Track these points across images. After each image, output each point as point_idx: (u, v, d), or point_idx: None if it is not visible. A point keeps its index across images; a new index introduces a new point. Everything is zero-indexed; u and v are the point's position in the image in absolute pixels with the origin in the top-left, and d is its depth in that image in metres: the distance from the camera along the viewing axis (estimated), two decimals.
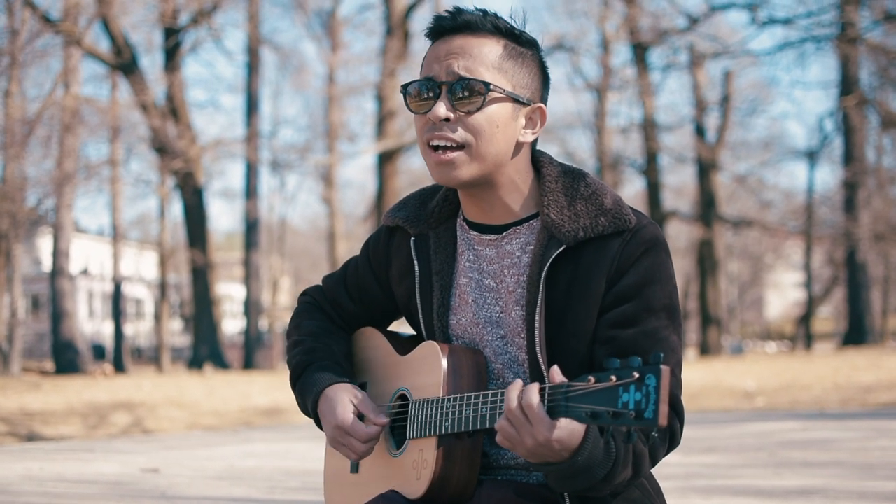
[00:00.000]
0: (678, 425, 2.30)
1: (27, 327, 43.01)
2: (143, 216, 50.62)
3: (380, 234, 2.65)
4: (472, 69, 2.31)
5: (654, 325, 2.30)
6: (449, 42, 2.36)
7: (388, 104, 32.99)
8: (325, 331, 2.66)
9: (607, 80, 37.23)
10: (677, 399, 2.30)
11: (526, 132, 2.38)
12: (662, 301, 2.31)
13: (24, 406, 16.40)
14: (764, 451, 8.87)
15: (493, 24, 2.35)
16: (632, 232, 2.32)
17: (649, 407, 1.84)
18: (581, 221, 2.32)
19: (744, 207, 46.88)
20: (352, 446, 2.42)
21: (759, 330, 69.47)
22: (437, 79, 2.34)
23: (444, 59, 2.34)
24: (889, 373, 19.18)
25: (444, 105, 2.32)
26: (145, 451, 10.49)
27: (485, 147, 2.32)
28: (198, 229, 32.73)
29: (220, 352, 32.93)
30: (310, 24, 37.03)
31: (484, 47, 2.34)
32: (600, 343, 2.31)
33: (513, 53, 2.35)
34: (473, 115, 2.31)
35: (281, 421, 15.90)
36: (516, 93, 2.34)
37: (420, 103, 2.37)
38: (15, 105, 23.34)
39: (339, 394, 2.46)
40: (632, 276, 2.30)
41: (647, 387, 1.85)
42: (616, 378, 1.90)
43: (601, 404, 1.91)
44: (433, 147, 2.34)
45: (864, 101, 33.71)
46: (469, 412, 2.23)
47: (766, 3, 32.84)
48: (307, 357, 2.58)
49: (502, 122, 2.33)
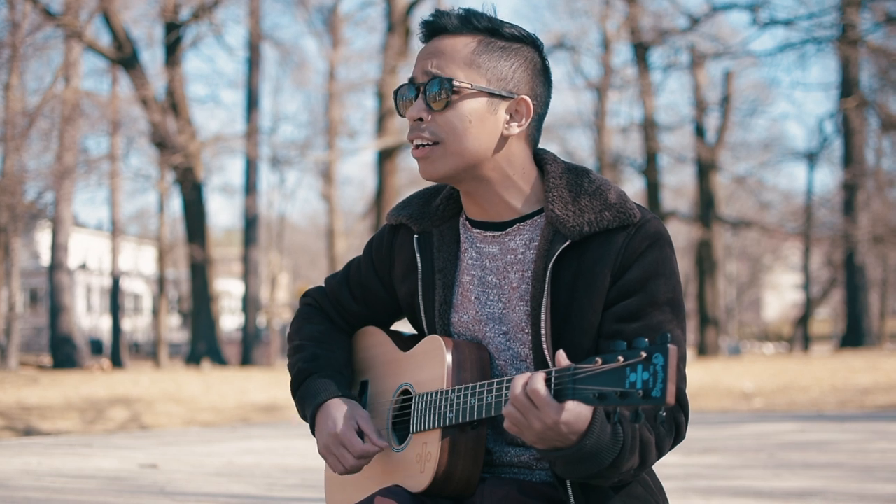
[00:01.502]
0: (683, 418, 2.30)
1: (25, 321, 43.03)
2: (142, 211, 50.68)
3: (383, 232, 2.66)
4: (443, 67, 2.35)
5: (658, 319, 2.30)
6: (430, 45, 2.40)
7: (388, 101, 32.98)
8: (326, 336, 2.67)
9: (608, 79, 37.23)
10: (682, 393, 2.29)
11: (511, 125, 2.37)
12: (667, 295, 2.32)
13: (22, 400, 16.40)
14: (763, 453, 8.87)
15: (469, 22, 2.37)
16: (636, 226, 2.32)
17: (657, 385, 1.84)
18: (586, 216, 2.32)
19: (743, 208, 46.95)
20: (343, 458, 2.43)
21: (757, 331, 69.52)
22: (416, 80, 2.39)
23: (421, 61, 2.39)
24: (886, 375, 19.20)
25: (418, 106, 2.36)
26: (143, 446, 10.48)
27: (457, 143, 2.34)
28: (197, 225, 32.72)
29: (218, 348, 32.93)
30: (311, 21, 37.04)
31: (457, 45, 2.36)
32: (605, 337, 2.31)
33: (489, 48, 2.36)
34: (443, 113, 2.34)
35: (279, 418, 15.90)
36: (490, 87, 2.34)
37: (402, 106, 2.43)
38: (15, 98, 23.32)
39: (340, 407, 2.48)
40: (636, 270, 2.30)
41: (655, 366, 1.85)
42: (623, 359, 1.90)
43: (609, 385, 1.91)
44: (415, 146, 2.38)
45: (865, 103, 33.73)
46: (474, 401, 2.23)
47: (767, 4, 32.88)
48: (309, 365, 2.59)
49: (475, 116, 2.33)
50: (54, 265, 29.08)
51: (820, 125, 40.29)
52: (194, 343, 33.16)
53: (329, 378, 2.55)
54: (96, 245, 56.43)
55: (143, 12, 31.62)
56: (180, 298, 53.52)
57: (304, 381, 2.58)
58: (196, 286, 33.19)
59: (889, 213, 36.05)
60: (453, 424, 2.27)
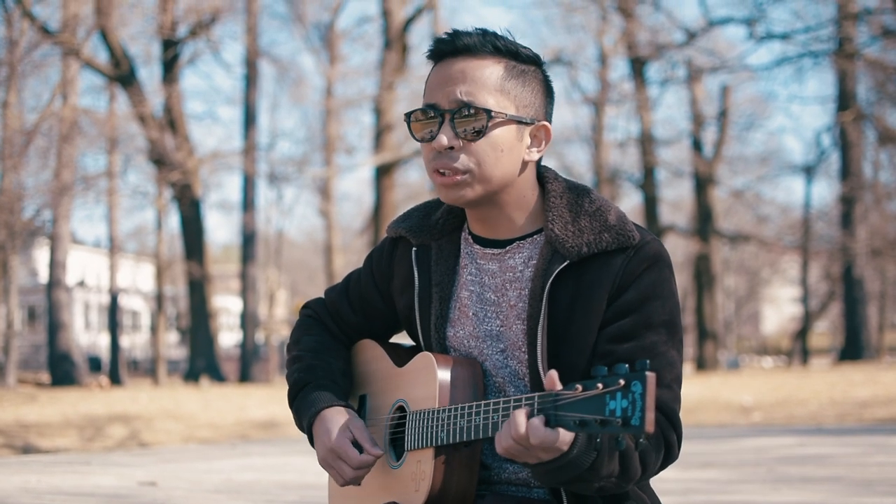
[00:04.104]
0: (675, 439, 2.30)
1: (23, 339, 42.96)
2: (140, 228, 50.52)
3: (383, 245, 2.66)
4: (474, 94, 2.31)
5: (651, 340, 2.30)
6: (450, 66, 2.35)
7: (385, 117, 33.00)
8: (324, 347, 2.67)
9: (605, 94, 37.26)
10: (675, 414, 2.30)
11: (531, 151, 2.38)
12: (662, 317, 2.32)
13: (21, 418, 16.37)
14: (762, 467, 8.86)
15: (492, 44, 2.34)
16: (635, 248, 2.33)
17: (636, 414, 1.86)
18: (585, 237, 2.33)
19: (741, 222, 46.93)
20: (342, 471, 2.43)
21: (755, 345, 69.44)
22: (439, 106, 2.34)
23: (445, 86, 2.33)
24: (885, 388, 19.18)
25: (447, 134, 2.31)
26: (142, 463, 10.46)
27: (489, 171, 2.32)
28: (195, 241, 32.71)
29: (216, 364, 32.88)
30: (308, 37, 37.07)
31: (485, 70, 2.33)
32: (598, 357, 2.31)
33: (514, 73, 2.34)
34: (477, 142, 2.31)
35: (277, 434, 15.87)
36: (519, 114, 2.34)
37: (424, 132, 2.37)
38: (13, 115, 23.37)
39: (336, 417, 2.47)
40: (633, 292, 2.31)
41: (633, 393, 1.87)
42: (602, 386, 1.91)
43: (589, 412, 1.93)
44: (439, 172, 2.35)
45: (862, 116, 33.76)
46: (463, 423, 2.24)
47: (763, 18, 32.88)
48: (306, 375, 2.59)
49: (507, 145, 2.33)
50: (52, 282, 29.05)
51: (817, 138, 40.26)
52: (193, 360, 33.12)
53: (325, 389, 2.54)
54: (94, 262, 56.38)
55: (141, 29, 31.68)
56: (178, 315, 53.46)
57: (300, 391, 2.58)
58: (194, 303, 33.17)
59: (887, 226, 36.06)
60: (445, 444, 2.28)
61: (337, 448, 2.42)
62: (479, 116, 2.29)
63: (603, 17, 36.30)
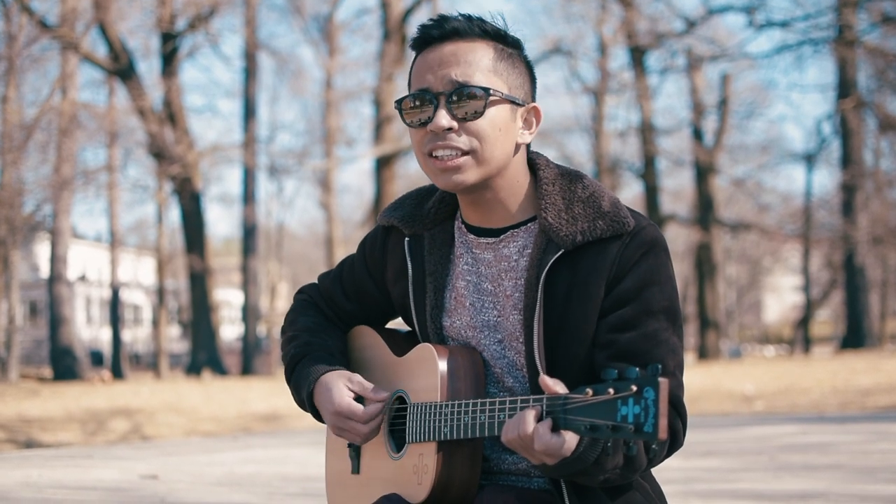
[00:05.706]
0: (680, 426, 2.29)
1: (25, 333, 42.98)
2: (140, 222, 50.61)
3: (376, 233, 2.64)
4: (469, 75, 2.30)
5: (653, 328, 2.28)
6: (439, 51, 2.34)
7: (385, 109, 32.99)
8: (320, 327, 2.65)
9: (605, 83, 37.23)
10: (679, 401, 2.29)
11: (524, 133, 2.37)
12: (662, 303, 2.30)
13: (23, 413, 16.39)
14: (764, 455, 8.85)
15: (480, 27, 2.34)
16: (630, 235, 2.31)
17: (648, 420, 1.83)
18: (579, 225, 2.31)
19: (742, 211, 46.89)
20: (354, 429, 2.41)
21: (757, 333, 69.46)
22: (432, 89, 2.32)
23: (438, 69, 2.32)
24: (888, 376, 19.19)
25: (444, 115, 2.30)
26: (144, 457, 10.46)
27: (490, 151, 2.30)
28: (196, 235, 32.71)
29: (218, 358, 32.90)
30: (307, 29, 37.03)
31: (476, 52, 2.32)
32: (600, 347, 2.29)
33: (503, 55, 2.34)
34: (476, 122, 2.29)
35: (280, 427, 15.88)
36: (512, 94, 2.33)
37: (418, 116, 2.35)
38: (12, 110, 23.36)
39: (333, 380, 2.45)
40: (631, 280, 2.29)
41: (646, 400, 1.84)
42: (614, 391, 1.89)
43: (600, 417, 1.91)
44: (435, 157, 2.33)
45: (862, 103, 33.74)
46: (468, 419, 2.22)
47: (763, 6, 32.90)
48: (301, 350, 2.57)
49: (504, 125, 2.31)
50: (54, 277, 29.07)
51: (818, 127, 40.33)
52: (194, 353, 33.14)
53: (320, 360, 2.53)
54: (95, 256, 56.37)
55: (140, 23, 31.64)
56: (180, 309, 53.47)
57: (296, 366, 2.57)
58: (196, 296, 33.17)
59: (888, 214, 36.04)
60: (448, 440, 2.27)
61: (341, 409, 2.40)
62: (478, 95, 2.28)
63: (602, 6, 36.27)
